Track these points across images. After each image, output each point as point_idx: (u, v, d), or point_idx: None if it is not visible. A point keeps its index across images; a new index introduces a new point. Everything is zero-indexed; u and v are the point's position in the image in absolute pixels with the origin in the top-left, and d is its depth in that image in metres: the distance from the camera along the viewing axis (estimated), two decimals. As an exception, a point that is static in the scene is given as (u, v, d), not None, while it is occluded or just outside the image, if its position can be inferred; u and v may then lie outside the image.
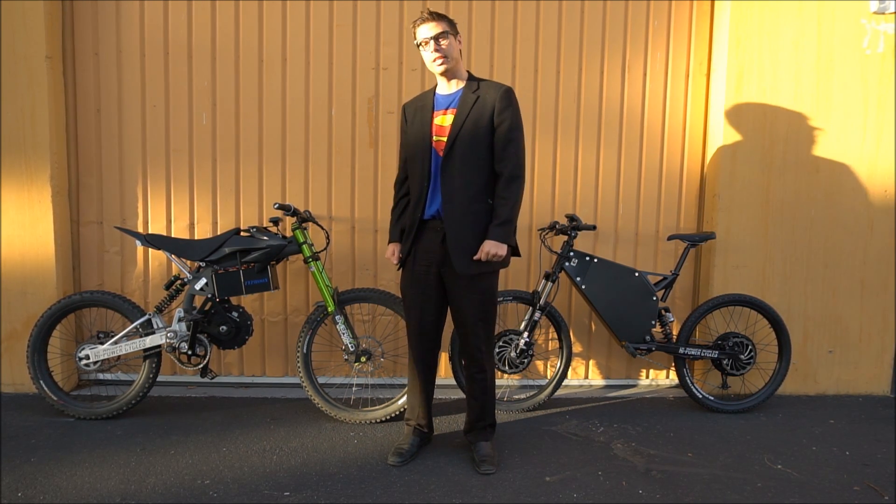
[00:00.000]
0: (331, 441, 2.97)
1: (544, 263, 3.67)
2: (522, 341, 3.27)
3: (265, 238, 3.09)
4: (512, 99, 2.61)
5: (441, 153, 2.62)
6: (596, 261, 3.33)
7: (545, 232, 3.42)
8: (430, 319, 2.77)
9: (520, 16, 3.59)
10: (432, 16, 2.58)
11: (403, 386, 3.25)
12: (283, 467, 2.70)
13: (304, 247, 3.12)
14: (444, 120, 2.64)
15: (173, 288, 3.18)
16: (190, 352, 3.13)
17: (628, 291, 3.34)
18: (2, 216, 3.42)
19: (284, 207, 3.08)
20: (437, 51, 2.57)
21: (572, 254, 3.32)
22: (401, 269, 2.79)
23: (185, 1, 3.50)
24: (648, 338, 3.37)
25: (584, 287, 3.32)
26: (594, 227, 3.35)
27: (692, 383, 3.39)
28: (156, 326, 3.14)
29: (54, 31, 3.40)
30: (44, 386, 3.14)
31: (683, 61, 3.68)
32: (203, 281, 3.11)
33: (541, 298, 3.29)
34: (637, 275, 3.35)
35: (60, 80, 3.47)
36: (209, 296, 3.12)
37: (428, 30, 2.57)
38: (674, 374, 3.81)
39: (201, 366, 3.17)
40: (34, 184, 3.40)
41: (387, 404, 3.23)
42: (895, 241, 3.64)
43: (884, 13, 3.49)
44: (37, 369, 3.14)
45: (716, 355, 3.40)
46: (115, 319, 3.53)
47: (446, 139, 2.60)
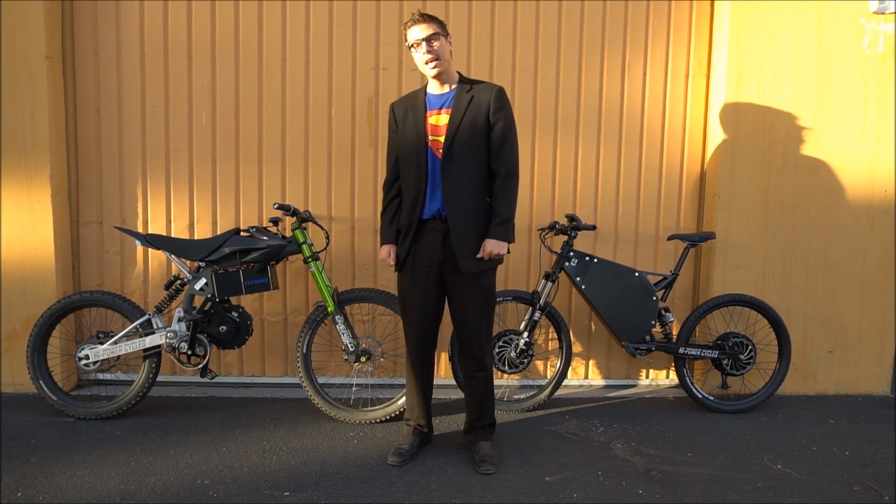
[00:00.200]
0: (331, 441, 2.97)
1: (544, 263, 3.67)
2: (522, 341, 3.27)
3: (265, 238, 3.09)
4: (505, 98, 2.66)
5: (438, 152, 2.63)
6: (596, 261, 3.33)
7: (545, 232, 3.42)
8: (430, 319, 2.77)
9: (520, 16, 3.59)
10: (423, 17, 2.58)
11: (403, 386, 3.24)
12: (283, 467, 2.70)
13: (304, 247, 3.12)
14: (438, 119, 2.65)
15: (173, 288, 3.18)
16: (190, 352, 3.13)
17: (628, 291, 3.34)
18: (2, 216, 3.42)
19: (284, 207, 3.08)
20: (429, 52, 2.58)
21: (572, 254, 3.32)
22: (399, 270, 2.78)
23: (185, 1, 3.50)
24: (648, 338, 3.37)
25: (583, 287, 3.32)
26: (594, 227, 3.35)
27: (692, 383, 3.39)
28: (155, 326, 3.14)
29: (54, 31, 3.40)
30: (43, 386, 3.14)
31: (683, 61, 3.68)
32: (203, 281, 3.11)
33: (541, 298, 3.29)
34: (637, 275, 3.35)
35: (60, 80, 3.47)
36: (209, 296, 3.11)
37: (419, 31, 2.57)
38: (674, 374, 3.81)
39: (201, 366, 3.17)
40: (34, 184, 3.40)
41: (387, 404, 3.23)
42: (895, 241, 3.64)
43: (884, 13, 3.49)
44: (36, 369, 3.14)
45: (716, 355, 3.40)
46: (114, 319, 3.53)
47: (444, 138, 2.61)
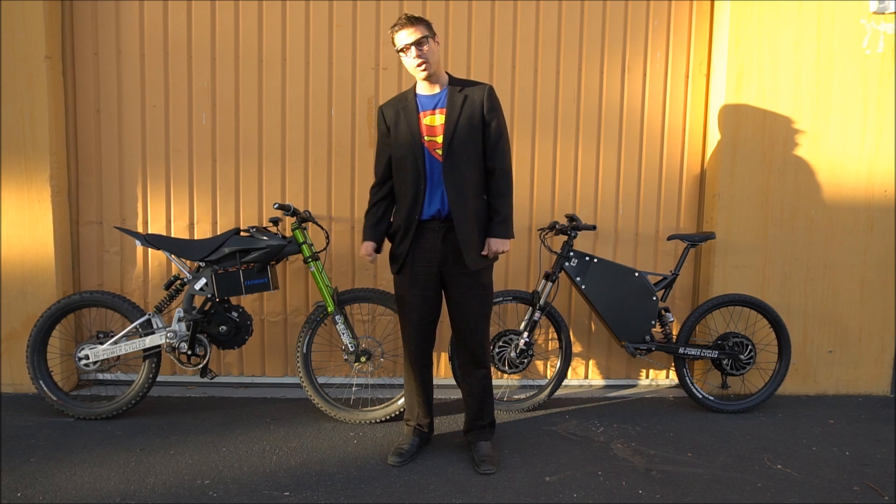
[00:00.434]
0: (331, 441, 2.97)
1: (544, 263, 3.67)
2: (522, 341, 3.27)
3: (265, 238, 3.09)
4: (496, 97, 2.70)
5: (435, 153, 2.63)
6: (596, 261, 3.33)
7: (545, 232, 3.42)
8: (430, 319, 2.78)
9: (520, 16, 3.59)
10: (410, 21, 2.57)
11: (403, 386, 3.24)
12: (283, 467, 2.70)
13: (304, 247, 3.12)
14: (433, 120, 2.65)
15: (173, 288, 3.18)
16: (190, 352, 3.13)
17: (628, 291, 3.34)
18: (2, 216, 3.42)
19: (284, 207, 3.08)
20: (419, 56, 2.56)
21: (572, 254, 3.32)
22: (397, 273, 2.78)
23: (185, 1, 3.50)
24: (648, 338, 3.37)
25: (583, 287, 3.32)
26: (594, 227, 3.35)
27: (692, 383, 3.39)
28: (155, 326, 3.14)
29: (54, 31, 3.40)
30: (43, 386, 3.14)
31: (683, 61, 3.68)
32: (203, 281, 3.11)
33: (541, 298, 3.29)
34: (637, 275, 3.35)
35: (60, 80, 3.47)
36: (209, 296, 3.11)
37: (407, 35, 2.56)
38: (674, 374, 3.81)
39: (201, 366, 3.17)
40: (34, 184, 3.40)
41: (386, 404, 3.23)
42: (895, 241, 3.64)
43: (883, 13, 3.49)
44: (36, 369, 3.14)
45: (716, 355, 3.40)
46: (114, 319, 3.53)
47: (442, 138, 2.61)
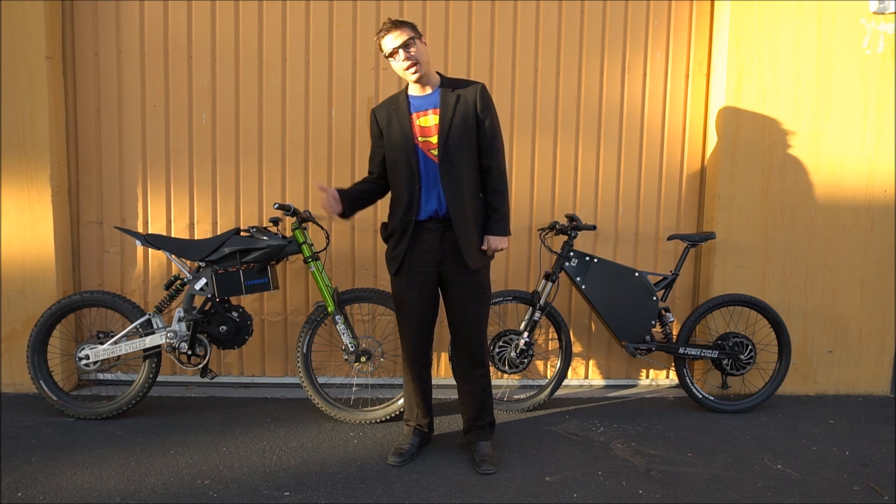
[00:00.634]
0: (331, 441, 2.97)
1: (544, 263, 3.67)
2: (522, 341, 3.27)
3: (265, 238, 3.09)
4: (489, 96, 2.70)
5: (430, 153, 2.63)
6: (596, 261, 3.33)
7: (545, 232, 3.42)
8: (428, 319, 2.79)
9: (520, 16, 3.59)
10: (395, 24, 2.57)
11: (402, 386, 3.24)
12: (283, 467, 2.70)
13: (304, 247, 3.12)
14: (427, 120, 2.65)
15: (173, 288, 3.18)
16: (190, 352, 3.13)
17: (628, 291, 3.34)
18: (2, 216, 3.42)
19: (284, 207, 3.07)
20: (408, 59, 2.57)
21: (572, 254, 3.32)
22: (395, 274, 2.77)
23: (185, 1, 3.50)
24: (648, 338, 3.37)
25: (584, 287, 3.32)
26: (594, 227, 3.35)
27: (692, 383, 3.39)
28: (156, 326, 3.14)
29: (54, 31, 3.40)
30: (44, 386, 3.14)
31: (683, 61, 3.68)
32: (203, 281, 3.11)
33: (541, 298, 3.29)
34: (637, 275, 3.35)
35: (60, 80, 3.47)
36: (209, 296, 3.11)
37: (393, 39, 2.56)
38: (674, 374, 3.81)
39: (201, 366, 3.17)
40: (34, 184, 3.40)
41: (387, 404, 3.23)
42: (895, 241, 3.64)
43: (884, 13, 3.49)
44: (37, 369, 3.14)
45: (716, 355, 3.40)
46: (114, 319, 3.52)
47: (436, 139, 2.62)
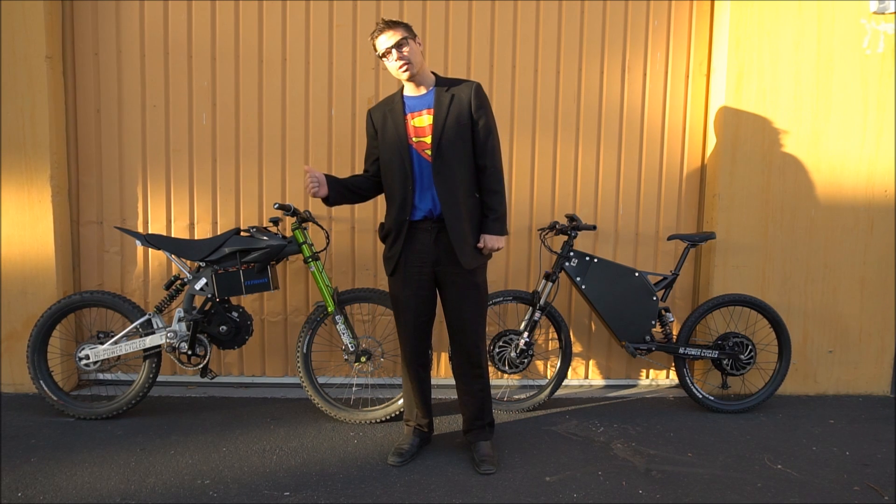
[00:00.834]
0: (331, 441, 2.97)
1: (544, 263, 3.67)
2: (522, 341, 3.27)
3: (265, 238, 3.09)
4: (485, 95, 2.69)
5: (424, 153, 2.63)
6: (596, 261, 3.33)
7: (545, 232, 3.42)
8: (424, 319, 2.79)
9: (520, 16, 3.59)
10: (388, 24, 2.58)
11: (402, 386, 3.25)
12: (283, 467, 2.70)
13: (304, 247, 3.12)
14: (421, 121, 2.65)
15: (173, 288, 3.18)
16: (190, 352, 3.13)
17: (628, 291, 3.34)
18: (2, 216, 3.42)
19: (284, 207, 3.07)
20: (400, 59, 2.57)
21: (572, 254, 3.32)
22: (391, 274, 2.77)
23: (185, 1, 3.50)
24: (648, 338, 3.37)
25: (584, 287, 3.32)
26: (594, 227, 3.35)
27: (692, 383, 3.39)
28: (156, 326, 3.14)
29: (54, 31, 3.40)
30: (44, 386, 3.14)
31: (683, 61, 3.68)
32: (203, 281, 3.11)
33: (541, 298, 3.29)
34: (637, 275, 3.35)
35: (60, 80, 3.47)
36: (209, 296, 3.11)
37: (387, 39, 2.57)
38: (674, 374, 3.81)
39: (201, 366, 3.17)
40: (34, 184, 3.40)
41: (387, 404, 3.23)
42: (895, 241, 3.64)
43: (884, 13, 3.49)
44: (37, 369, 3.14)
45: (716, 355, 3.39)
46: (114, 319, 3.52)
47: (430, 139, 2.61)
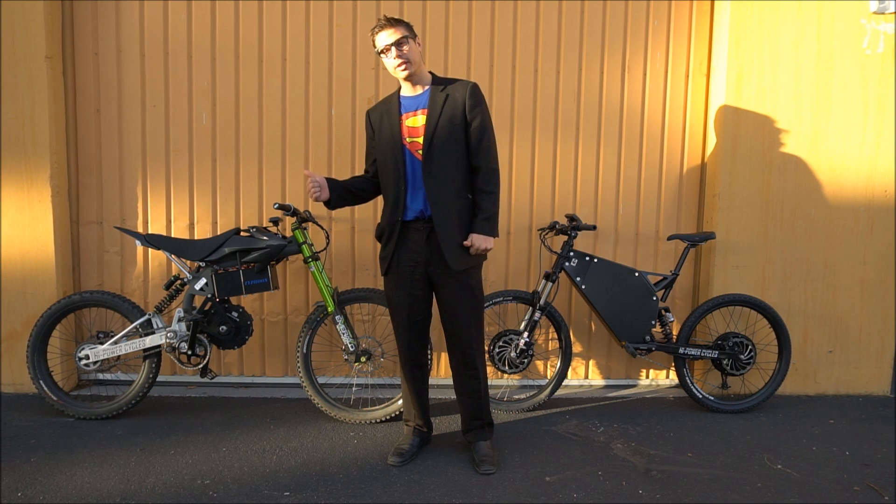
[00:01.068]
0: (331, 441, 2.97)
1: (544, 263, 3.67)
2: (522, 341, 3.27)
3: (265, 238, 3.09)
4: (480, 94, 2.68)
5: (416, 153, 2.64)
6: (596, 261, 3.33)
7: (545, 232, 3.42)
8: (419, 319, 2.78)
9: (520, 16, 3.59)
10: (390, 22, 2.58)
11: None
12: (283, 467, 2.70)
13: (304, 247, 3.12)
14: (415, 121, 2.65)
15: (173, 288, 3.18)
16: (190, 352, 3.13)
17: (628, 291, 3.34)
18: (2, 216, 3.42)
19: (284, 207, 3.07)
20: (399, 57, 2.58)
21: (572, 254, 3.32)
22: (385, 274, 2.78)
23: (185, 1, 3.50)
24: (648, 338, 3.37)
25: (584, 287, 3.32)
26: (594, 227, 3.35)
27: (692, 383, 3.39)
28: (155, 326, 3.14)
29: (54, 31, 3.40)
30: (44, 386, 3.14)
31: (683, 61, 3.68)
32: (203, 281, 3.11)
33: (541, 298, 3.29)
34: (637, 275, 3.35)
35: (60, 80, 3.47)
36: (209, 296, 3.11)
37: (387, 37, 2.57)
38: (674, 374, 3.81)
39: (201, 366, 3.17)
40: (34, 184, 3.40)
41: (387, 404, 3.23)
42: (895, 241, 3.64)
43: (884, 13, 3.49)
44: (37, 369, 3.14)
45: (716, 355, 3.40)
46: (114, 319, 3.52)
47: (422, 139, 2.62)
